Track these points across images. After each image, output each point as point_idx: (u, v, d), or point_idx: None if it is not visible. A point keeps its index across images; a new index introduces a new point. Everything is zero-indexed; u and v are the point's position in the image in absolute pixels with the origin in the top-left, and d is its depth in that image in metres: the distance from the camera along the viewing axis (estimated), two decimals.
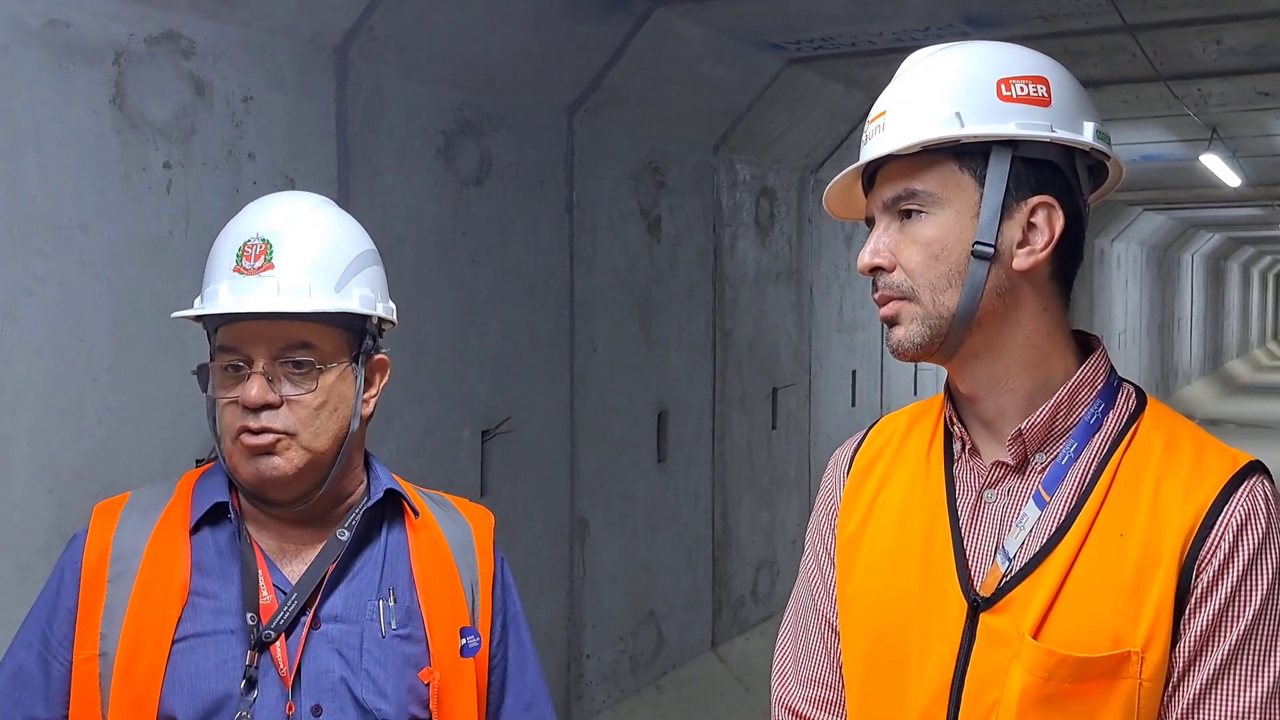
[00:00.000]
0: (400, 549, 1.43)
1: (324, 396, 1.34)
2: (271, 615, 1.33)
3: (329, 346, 1.36)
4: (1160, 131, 6.45)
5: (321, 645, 1.35)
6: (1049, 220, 1.14)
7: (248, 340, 1.33)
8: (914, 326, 1.15)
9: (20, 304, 2.23)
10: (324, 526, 1.41)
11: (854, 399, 6.11)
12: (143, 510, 1.39)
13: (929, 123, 1.14)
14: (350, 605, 1.37)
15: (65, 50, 2.29)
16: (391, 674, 1.36)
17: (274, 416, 1.32)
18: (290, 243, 1.35)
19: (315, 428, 1.34)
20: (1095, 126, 1.16)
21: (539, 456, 3.75)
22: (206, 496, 1.39)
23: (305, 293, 1.32)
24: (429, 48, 3.13)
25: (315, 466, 1.35)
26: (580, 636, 4.00)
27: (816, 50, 4.36)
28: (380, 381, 1.45)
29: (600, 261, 4.03)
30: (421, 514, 1.46)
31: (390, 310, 1.44)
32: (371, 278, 1.42)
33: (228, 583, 1.35)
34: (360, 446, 1.44)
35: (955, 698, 1.13)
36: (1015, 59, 1.17)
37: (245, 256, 1.34)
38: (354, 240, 1.42)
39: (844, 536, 1.27)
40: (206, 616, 1.33)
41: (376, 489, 1.43)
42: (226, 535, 1.37)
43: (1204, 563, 1.08)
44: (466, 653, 1.41)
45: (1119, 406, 1.17)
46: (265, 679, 1.32)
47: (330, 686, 1.34)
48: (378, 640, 1.36)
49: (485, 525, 1.53)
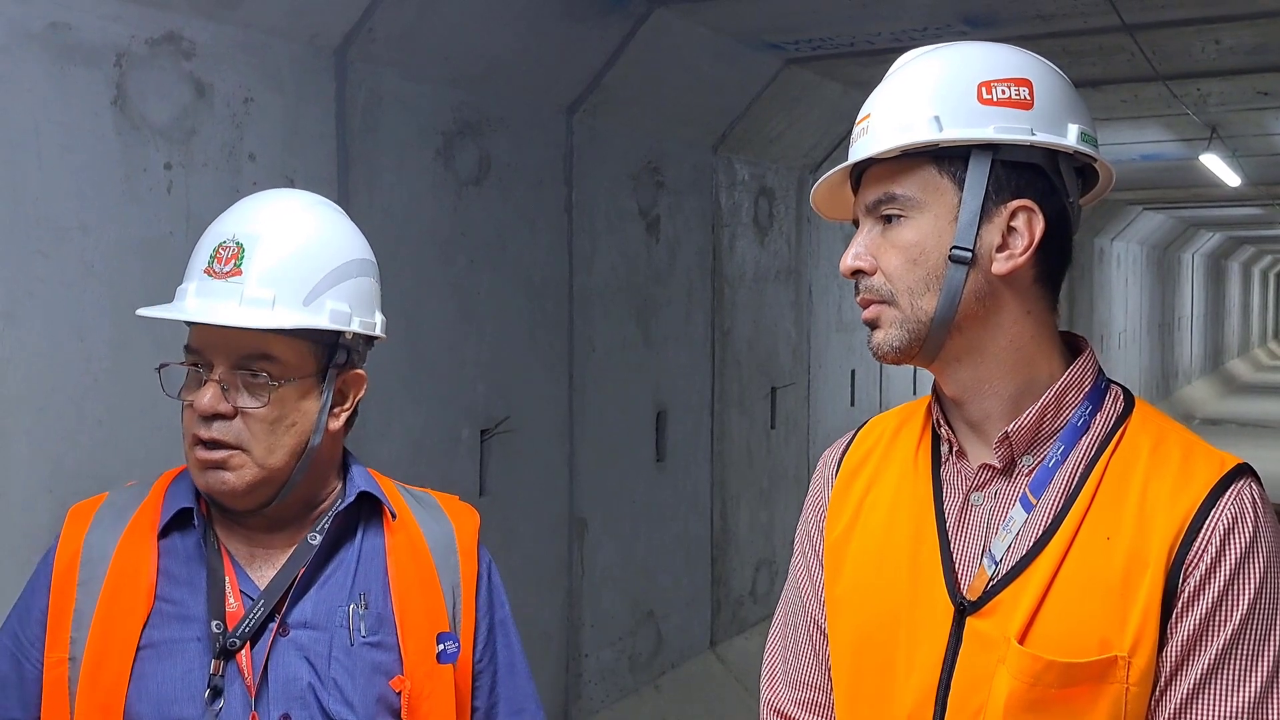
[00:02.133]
0: (376, 552, 1.39)
1: (279, 411, 1.30)
2: (237, 622, 1.30)
3: (293, 359, 1.31)
4: (1159, 131, 6.45)
5: (289, 652, 1.31)
6: (1029, 224, 1.13)
7: (209, 346, 1.31)
8: (893, 330, 1.16)
9: (21, 305, 2.24)
10: (295, 531, 1.37)
11: (853, 398, 6.12)
12: (116, 512, 1.36)
13: (909, 127, 1.14)
14: (320, 611, 1.34)
15: (66, 52, 2.30)
16: (359, 683, 1.32)
17: (226, 428, 1.29)
18: (264, 248, 1.30)
19: (269, 443, 1.30)
20: (1080, 129, 1.15)
21: (538, 456, 3.76)
22: (174, 501, 1.36)
23: (268, 305, 1.28)
24: (428, 48, 3.14)
25: (268, 482, 1.31)
26: (579, 636, 4.01)
27: (815, 50, 4.37)
28: (354, 396, 1.39)
29: (599, 261, 4.03)
30: (401, 515, 1.42)
31: (372, 325, 1.39)
32: (352, 290, 1.35)
33: (194, 589, 1.32)
34: (332, 457, 1.40)
35: (941, 701, 1.13)
36: (999, 61, 1.16)
37: (217, 259, 1.31)
38: (339, 248, 1.36)
39: (832, 538, 1.27)
40: (173, 624, 1.30)
41: (350, 492, 1.39)
42: (194, 540, 1.34)
43: (1191, 566, 1.07)
44: (444, 659, 1.38)
45: (1106, 409, 1.17)
46: (231, 688, 1.29)
47: (298, 694, 1.30)
48: (346, 648, 1.33)
49: (469, 524, 1.48)
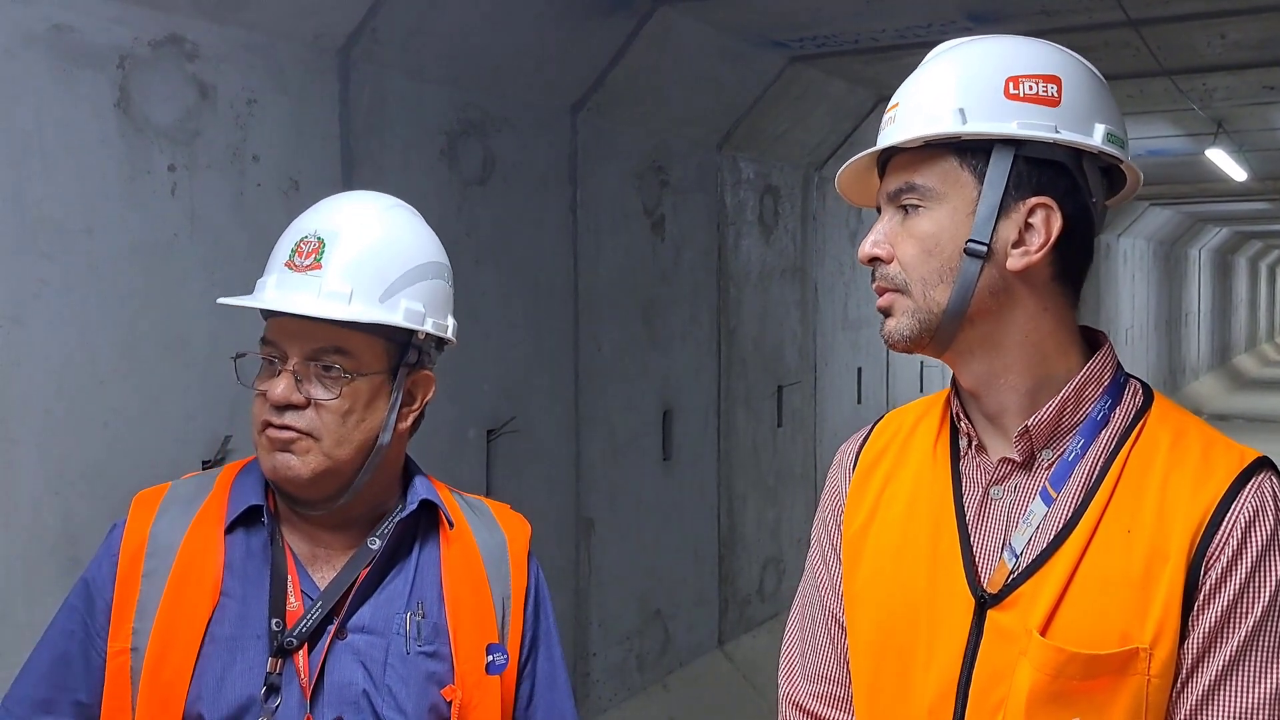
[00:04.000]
0: (432, 562, 1.41)
1: (350, 404, 1.32)
2: (296, 621, 1.32)
3: (366, 355, 1.34)
4: (1165, 126, 6.44)
5: (345, 656, 1.33)
6: (1046, 222, 1.13)
7: (285, 337, 1.33)
8: (905, 319, 1.16)
9: (26, 307, 2.24)
10: (358, 534, 1.39)
11: (859, 396, 6.11)
12: (182, 504, 1.37)
13: (933, 118, 1.14)
14: (379, 617, 1.35)
15: (69, 55, 2.29)
16: (413, 691, 1.34)
17: (298, 417, 1.31)
18: (343, 245, 1.33)
19: (339, 435, 1.32)
20: (1107, 129, 1.14)
21: (544, 456, 3.75)
22: (243, 496, 1.37)
23: (345, 299, 1.30)
24: (432, 48, 3.13)
25: (334, 473, 1.33)
26: (587, 635, 4.00)
27: (819, 48, 4.36)
28: (423, 397, 1.42)
29: (604, 260, 4.03)
30: (457, 525, 1.43)
31: (445, 328, 1.42)
32: (428, 291, 1.39)
33: (258, 586, 1.33)
34: (398, 459, 1.42)
35: (962, 694, 1.13)
36: (1030, 56, 1.15)
37: (299, 253, 1.33)
38: (416, 249, 1.40)
39: (850, 532, 1.27)
40: (234, 619, 1.32)
41: (413, 499, 1.41)
42: (260, 538, 1.36)
43: (1212, 559, 1.07)
44: (493, 670, 1.39)
45: (1125, 403, 1.17)
46: (288, 687, 1.30)
47: (352, 699, 1.32)
48: (402, 655, 1.34)
49: (521, 536, 1.49)
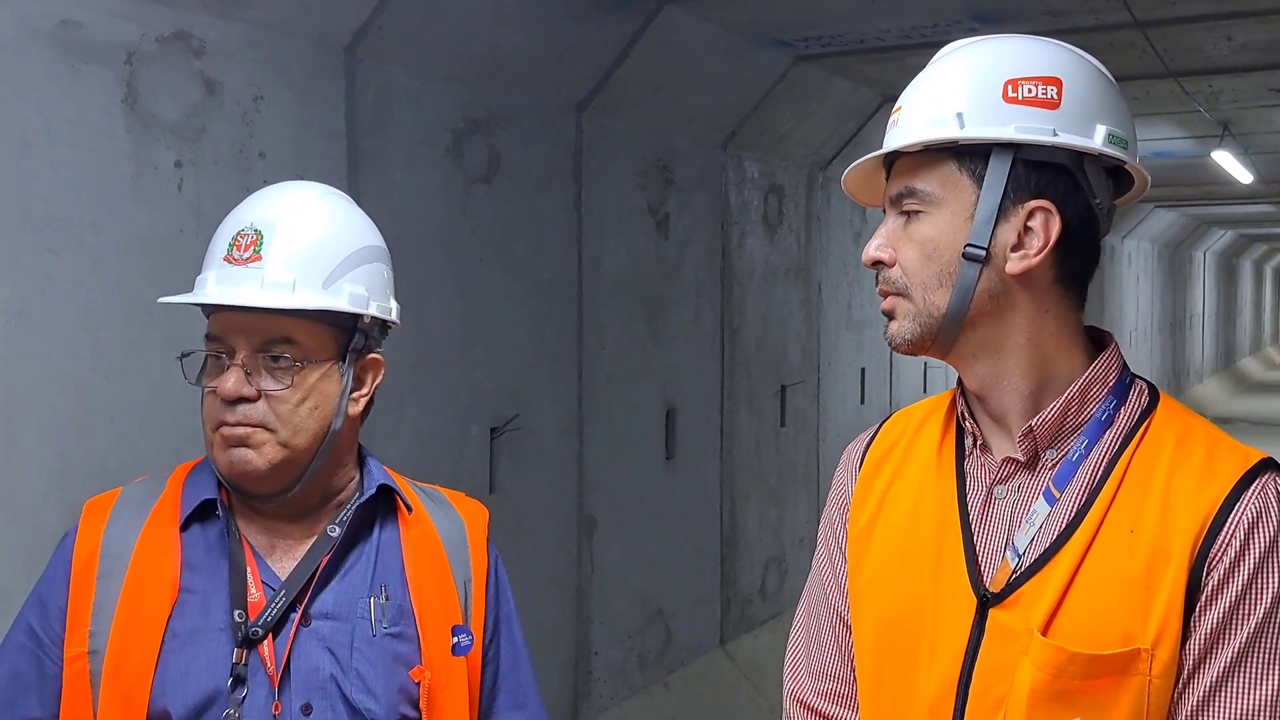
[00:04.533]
0: (393, 545, 1.41)
1: (303, 393, 1.33)
2: (259, 612, 1.32)
3: (313, 343, 1.34)
4: (1171, 128, 6.43)
5: (311, 643, 1.33)
6: (1045, 225, 1.13)
7: (231, 331, 1.33)
8: (906, 322, 1.17)
9: (32, 302, 2.25)
10: (315, 522, 1.39)
11: (863, 396, 6.11)
12: (134, 506, 1.38)
13: (933, 122, 1.14)
14: (342, 602, 1.36)
15: (76, 50, 2.30)
16: (381, 673, 1.35)
17: (250, 410, 1.31)
18: (282, 234, 1.33)
19: (294, 425, 1.32)
20: (1109, 130, 1.14)
21: (547, 454, 3.76)
22: (196, 492, 1.38)
23: (289, 288, 1.31)
24: (437, 46, 3.13)
25: (291, 463, 1.33)
26: (588, 634, 4.00)
27: (824, 47, 4.36)
28: (373, 381, 1.42)
29: (608, 259, 4.03)
30: (415, 510, 1.44)
31: (388, 310, 1.41)
32: (369, 275, 1.38)
33: (216, 579, 1.34)
34: (351, 444, 1.42)
35: (963, 692, 1.14)
36: (1032, 58, 1.15)
37: (236, 246, 1.33)
38: (354, 234, 1.39)
39: (855, 530, 1.28)
40: (196, 614, 1.32)
41: (370, 485, 1.41)
42: (216, 531, 1.36)
43: (1215, 560, 1.07)
44: (458, 651, 1.40)
45: (1131, 403, 1.17)
46: (255, 677, 1.30)
47: (320, 685, 1.32)
48: (368, 638, 1.35)
49: (479, 521, 1.51)
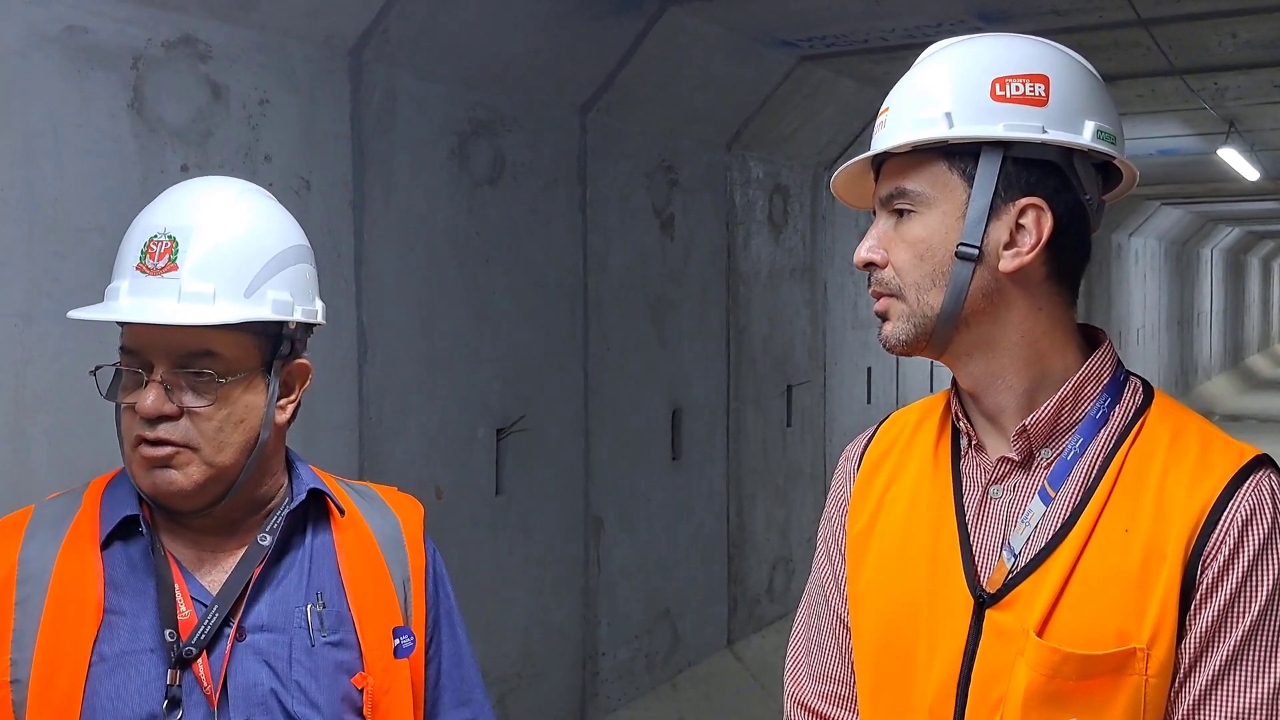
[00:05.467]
0: (326, 550, 1.35)
1: (227, 408, 1.26)
2: (191, 630, 1.25)
3: (236, 353, 1.27)
4: (1177, 125, 6.42)
5: (248, 657, 1.28)
6: (1037, 222, 1.13)
7: (147, 346, 1.25)
8: (900, 323, 1.17)
9: (39, 305, 2.26)
10: (243, 533, 1.33)
11: (869, 396, 6.11)
12: (50, 525, 1.31)
13: (921, 122, 1.14)
14: (277, 613, 1.30)
15: (83, 55, 2.31)
16: (324, 683, 1.29)
17: (172, 428, 1.24)
18: (198, 241, 1.24)
19: (218, 441, 1.26)
20: (1097, 126, 1.14)
21: (553, 455, 3.76)
22: (116, 509, 1.30)
23: (209, 299, 1.23)
24: (442, 49, 3.14)
25: (218, 480, 1.27)
26: (595, 634, 4.01)
27: (828, 47, 4.36)
28: (300, 387, 1.35)
29: (613, 260, 4.04)
30: (348, 511, 1.38)
31: (314, 313, 1.34)
32: (292, 278, 1.31)
33: (143, 599, 1.27)
34: (278, 451, 1.36)
35: (962, 693, 1.14)
36: (1017, 56, 1.15)
37: (149, 254, 1.25)
38: (275, 236, 1.31)
39: (854, 532, 1.28)
40: (124, 636, 1.25)
41: (299, 490, 1.35)
42: (140, 549, 1.29)
43: (1209, 558, 1.07)
44: (400, 653, 1.35)
45: (1125, 401, 1.17)
46: (190, 698, 1.24)
47: (260, 699, 1.27)
48: (307, 649, 1.30)
49: (415, 516, 1.45)
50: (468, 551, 3.36)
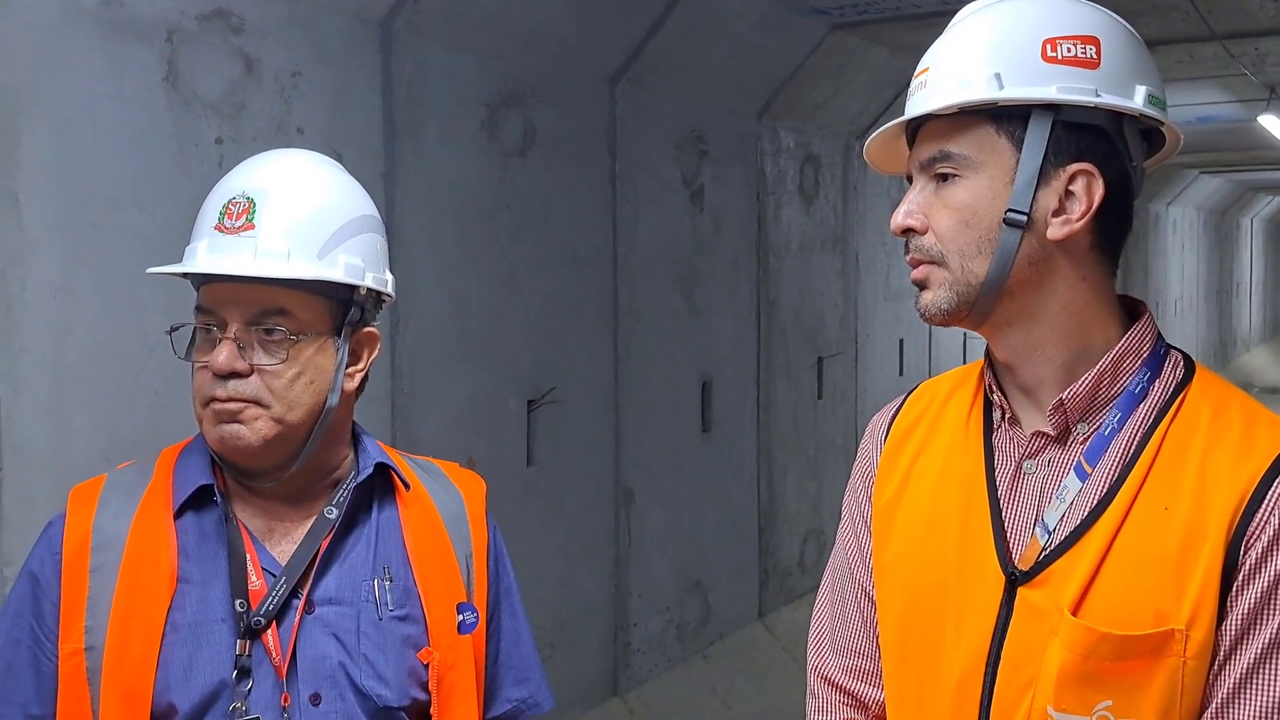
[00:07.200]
0: (392, 525, 1.36)
1: (298, 367, 1.27)
2: (260, 600, 1.27)
3: (308, 315, 1.28)
4: (1216, 92, 6.29)
5: (316, 629, 1.28)
6: (1088, 189, 1.10)
7: (223, 303, 1.27)
8: (941, 291, 1.13)
9: (76, 277, 2.29)
10: (312, 504, 1.34)
11: (901, 367, 6.07)
12: (123, 493, 1.31)
13: (968, 83, 1.10)
14: (345, 586, 1.31)
15: (118, 28, 2.32)
16: (391, 657, 1.30)
17: (243, 385, 1.26)
18: (275, 202, 1.27)
19: (288, 399, 1.27)
20: (1148, 90, 1.11)
21: (584, 426, 3.78)
22: (190, 478, 1.31)
23: (284, 257, 1.25)
24: (472, 20, 3.13)
25: (285, 439, 1.28)
26: (626, 606, 4.03)
27: (860, 15, 4.30)
28: (369, 356, 1.37)
29: (643, 231, 4.03)
30: (413, 487, 1.39)
31: (384, 282, 1.36)
32: (364, 245, 1.32)
33: (215, 568, 1.28)
34: (346, 421, 1.37)
35: (991, 671, 1.12)
36: (1066, 16, 1.11)
37: (228, 214, 1.27)
38: (349, 204, 1.33)
39: (880, 503, 1.25)
40: (195, 604, 1.27)
41: (365, 463, 1.36)
42: (213, 518, 1.30)
43: (1252, 538, 1.04)
44: (464, 629, 1.36)
45: (1165, 375, 1.14)
46: (260, 668, 1.26)
47: (328, 672, 1.28)
48: (375, 622, 1.31)
49: (478, 493, 1.47)
50: (500, 522, 3.37)
